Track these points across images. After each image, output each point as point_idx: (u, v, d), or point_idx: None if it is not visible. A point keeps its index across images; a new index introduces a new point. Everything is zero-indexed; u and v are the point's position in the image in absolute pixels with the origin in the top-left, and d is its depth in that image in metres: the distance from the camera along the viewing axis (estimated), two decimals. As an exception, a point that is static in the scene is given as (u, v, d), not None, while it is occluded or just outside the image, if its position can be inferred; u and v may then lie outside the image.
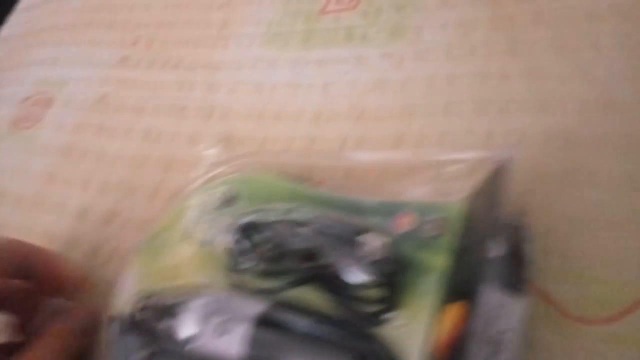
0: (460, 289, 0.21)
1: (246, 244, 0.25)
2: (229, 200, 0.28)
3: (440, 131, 0.30)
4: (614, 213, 0.25)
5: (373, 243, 0.22)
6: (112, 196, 0.35)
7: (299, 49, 0.38)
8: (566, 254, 0.25)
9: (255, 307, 0.23)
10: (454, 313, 0.20)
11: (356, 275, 0.22)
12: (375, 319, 0.22)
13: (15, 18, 0.55)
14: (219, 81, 0.39)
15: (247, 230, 0.25)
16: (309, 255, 0.24)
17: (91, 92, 0.42)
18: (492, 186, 0.22)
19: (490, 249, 0.21)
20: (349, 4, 0.39)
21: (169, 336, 0.23)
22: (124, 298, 0.26)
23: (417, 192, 0.25)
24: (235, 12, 0.43)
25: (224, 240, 0.25)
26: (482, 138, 0.29)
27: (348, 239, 0.23)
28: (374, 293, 0.22)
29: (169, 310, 0.24)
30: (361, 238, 0.22)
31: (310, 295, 0.23)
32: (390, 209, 0.24)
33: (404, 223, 0.23)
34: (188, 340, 0.22)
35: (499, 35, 0.33)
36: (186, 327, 0.23)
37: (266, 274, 0.24)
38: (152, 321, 0.24)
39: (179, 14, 0.45)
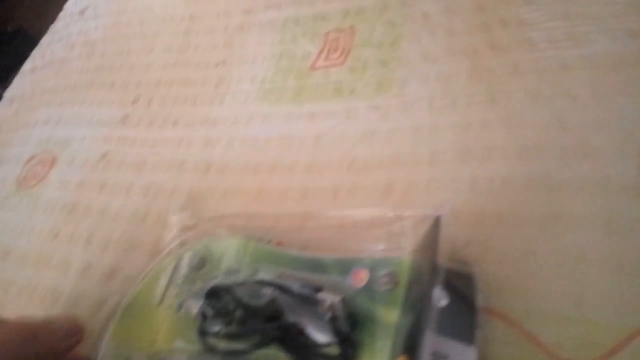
0: (410, 340, 0.22)
1: (213, 307, 0.26)
2: (198, 265, 0.29)
3: (426, 179, 0.32)
4: (594, 256, 0.26)
5: (332, 300, 0.23)
6: (115, 252, 0.36)
7: (291, 104, 0.40)
8: (550, 296, 0.25)
9: None
10: None
11: (317, 333, 0.23)
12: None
13: (19, 80, 0.58)
14: (216, 136, 0.40)
15: (214, 294, 0.27)
16: (273, 315, 0.25)
17: (94, 150, 0.44)
18: (432, 239, 0.24)
19: (435, 299, 0.22)
20: (337, 60, 0.41)
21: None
22: None
23: (370, 247, 0.26)
24: (230, 70, 0.45)
25: (195, 304, 0.27)
26: (467, 185, 0.30)
27: (309, 297, 0.24)
28: (333, 350, 0.23)
29: None
30: (321, 295, 0.24)
31: (276, 354, 0.24)
32: (347, 265, 0.26)
33: (360, 278, 0.25)
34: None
35: (478, 86, 0.34)
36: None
37: (234, 336, 0.26)
38: None
39: (177, 73, 0.47)
